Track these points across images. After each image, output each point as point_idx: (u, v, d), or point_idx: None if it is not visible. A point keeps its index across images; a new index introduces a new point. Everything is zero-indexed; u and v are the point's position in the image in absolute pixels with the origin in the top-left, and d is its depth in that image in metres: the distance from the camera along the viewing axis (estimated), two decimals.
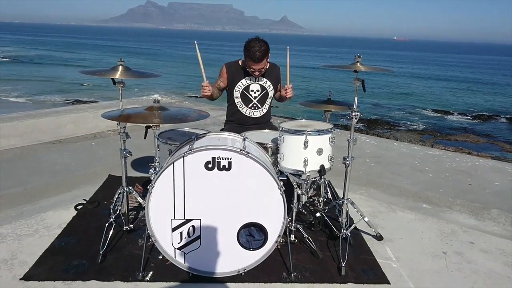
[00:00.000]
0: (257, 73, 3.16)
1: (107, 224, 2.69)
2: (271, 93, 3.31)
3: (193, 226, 2.29)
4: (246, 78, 3.24)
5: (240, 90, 3.26)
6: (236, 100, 3.28)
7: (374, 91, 26.73)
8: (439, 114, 20.68)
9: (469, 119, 19.69)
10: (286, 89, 3.13)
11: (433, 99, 26.46)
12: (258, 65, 3.08)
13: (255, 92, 3.27)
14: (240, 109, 3.29)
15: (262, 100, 3.30)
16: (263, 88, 3.27)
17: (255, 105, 3.29)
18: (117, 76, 2.57)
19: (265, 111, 3.34)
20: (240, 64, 3.27)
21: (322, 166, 2.53)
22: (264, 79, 3.26)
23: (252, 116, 3.31)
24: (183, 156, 2.19)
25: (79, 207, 3.26)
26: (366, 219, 2.88)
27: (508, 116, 19.96)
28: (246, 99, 3.28)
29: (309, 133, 2.49)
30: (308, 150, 2.50)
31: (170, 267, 2.39)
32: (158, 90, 21.14)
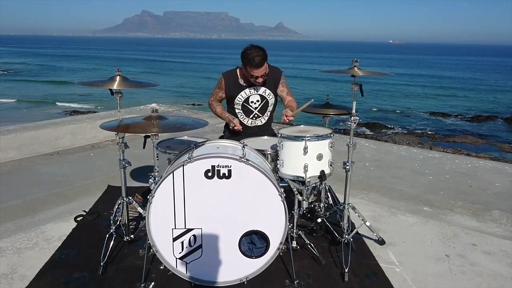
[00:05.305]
0: (260, 80, 3.07)
1: (107, 235, 2.67)
2: (271, 101, 3.26)
3: (194, 236, 2.27)
4: (245, 90, 3.18)
5: (240, 103, 3.21)
6: (237, 111, 3.24)
7: (370, 95, 26.82)
8: (436, 116, 20.74)
9: (467, 120, 19.74)
10: (286, 115, 2.96)
11: (429, 101, 26.55)
12: (260, 70, 3.00)
13: (255, 103, 3.22)
14: (242, 119, 3.24)
15: (263, 110, 3.25)
16: (263, 97, 3.22)
17: (256, 115, 3.25)
18: (115, 86, 2.56)
19: (266, 118, 3.30)
20: (238, 73, 3.20)
21: (322, 172, 2.53)
22: (263, 88, 3.20)
23: (254, 125, 3.28)
24: (183, 165, 2.18)
25: (78, 219, 3.24)
26: (367, 223, 2.86)
27: (505, 117, 20.02)
28: (247, 111, 3.23)
29: (308, 139, 2.48)
30: (308, 155, 2.49)
31: (172, 277, 2.37)
32: (155, 99, 21.19)
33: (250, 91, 3.19)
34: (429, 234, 3.13)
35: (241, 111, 3.23)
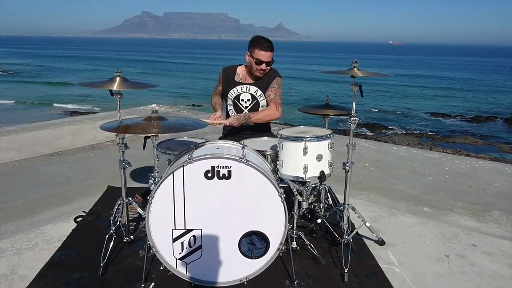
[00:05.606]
0: (264, 67, 3.10)
1: (107, 236, 2.67)
2: (262, 102, 3.24)
3: (194, 236, 2.27)
4: (238, 86, 3.21)
5: (232, 98, 3.24)
6: (229, 108, 3.28)
7: (370, 95, 26.85)
8: (435, 117, 20.75)
9: (466, 121, 19.76)
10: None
11: (429, 102, 26.58)
12: (267, 54, 3.06)
13: (245, 102, 3.23)
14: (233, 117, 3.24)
15: (253, 110, 3.24)
16: (253, 97, 3.23)
17: None
18: (115, 87, 2.56)
19: None
20: (237, 69, 3.24)
21: (322, 172, 2.53)
22: (255, 88, 3.21)
23: (245, 125, 3.25)
24: (183, 166, 2.18)
25: (78, 220, 3.24)
26: (367, 224, 2.87)
27: (504, 118, 20.04)
28: (237, 108, 3.25)
29: (308, 139, 2.48)
30: (308, 156, 2.49)
31: (172, 277, 2.37)
32: (155, 100, 21.19)
33: (242, 89, 3.21)
34: (429, 234, 3.13)
35: (232, 108, 3.26)
